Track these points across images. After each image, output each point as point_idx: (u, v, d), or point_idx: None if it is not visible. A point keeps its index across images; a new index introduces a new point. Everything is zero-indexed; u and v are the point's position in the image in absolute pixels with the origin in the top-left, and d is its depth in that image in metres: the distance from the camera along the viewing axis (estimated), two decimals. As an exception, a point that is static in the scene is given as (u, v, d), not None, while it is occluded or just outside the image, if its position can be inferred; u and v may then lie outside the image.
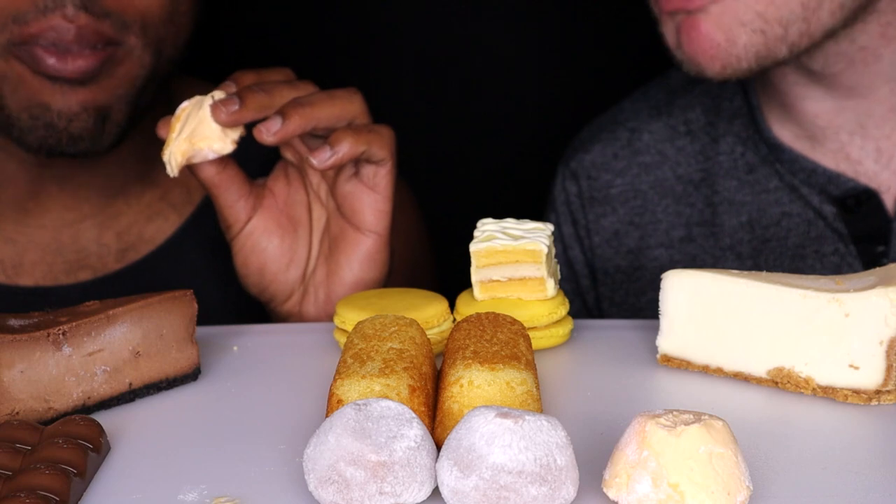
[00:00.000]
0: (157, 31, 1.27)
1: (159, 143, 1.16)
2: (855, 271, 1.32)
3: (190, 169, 1.17)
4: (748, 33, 1.25)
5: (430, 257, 1.52)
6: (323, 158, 1.13)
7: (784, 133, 1.39)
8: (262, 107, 1.14)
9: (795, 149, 1.37)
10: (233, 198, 1.19)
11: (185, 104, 1.15)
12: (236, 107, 1.13)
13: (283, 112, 1.13)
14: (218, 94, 1.15)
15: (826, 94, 1.34)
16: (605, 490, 0.83)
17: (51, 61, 1.23)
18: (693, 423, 0.81)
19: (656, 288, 1.02)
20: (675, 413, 0.82)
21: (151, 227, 1.39)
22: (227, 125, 1.14)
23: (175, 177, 1.15)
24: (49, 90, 1.24)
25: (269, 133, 1.13)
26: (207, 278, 1.36)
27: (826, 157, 1.36)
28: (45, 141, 1.26)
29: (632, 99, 1.52)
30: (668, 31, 1.29)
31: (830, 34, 1.27)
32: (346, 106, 1.15)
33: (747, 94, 1.42)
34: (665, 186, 1.45)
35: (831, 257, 1.36)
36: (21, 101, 1.25)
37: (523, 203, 1.57)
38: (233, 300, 1.32)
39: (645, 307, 1.45)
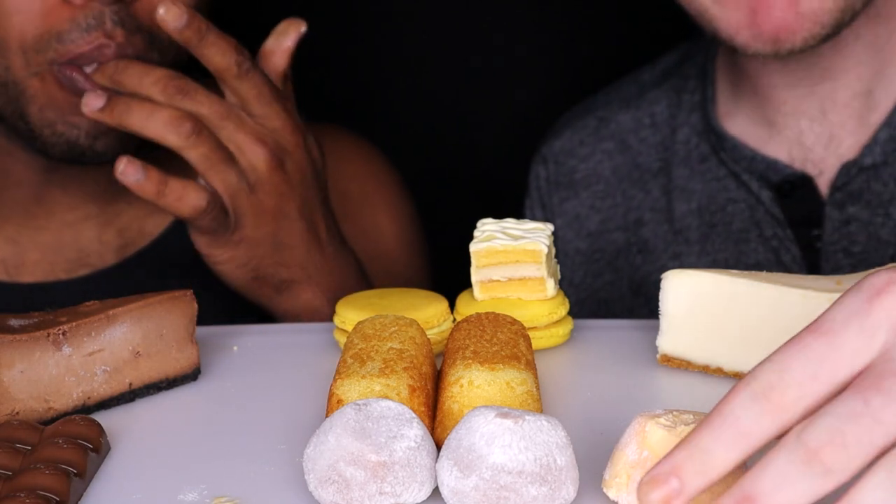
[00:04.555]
0: (178, 47, 1.27)
1: None
2: (792, 255, 1.37)
3: None
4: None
5: (422, 262, 1.53)
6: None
7: (738, 122, 1.42)
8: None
9: (744, 138, 1.41)
10: None
11: None
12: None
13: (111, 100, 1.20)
14: None
15: (799, 80, 1.36)
16: (605, 490, 0.83)
17: (90, 84, 1.23)
18: (693, 423, 0.81)
19: (614, 269, 1.03)
20: (675, 413, 0.82)
21: (150, 222, 1.40)
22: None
23: None
24: (80, 110, 1.23)
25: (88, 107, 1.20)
26: (201, 268, 1.36)
27: (780, 145, 1.39)
28: (66, 154, 1.28)
29: (605, 92, 1.57)
30: (737, 12, 1.26)
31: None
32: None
33: (705, 88, 1.45)
34: (624, 172, 1.49)
35: (771, 241, 1.39)
36: (47, 118, 1.26)
37: (523, 203, 1.58)
38: (229, 291, 1.32)
39: (601, 288, 1.48)
